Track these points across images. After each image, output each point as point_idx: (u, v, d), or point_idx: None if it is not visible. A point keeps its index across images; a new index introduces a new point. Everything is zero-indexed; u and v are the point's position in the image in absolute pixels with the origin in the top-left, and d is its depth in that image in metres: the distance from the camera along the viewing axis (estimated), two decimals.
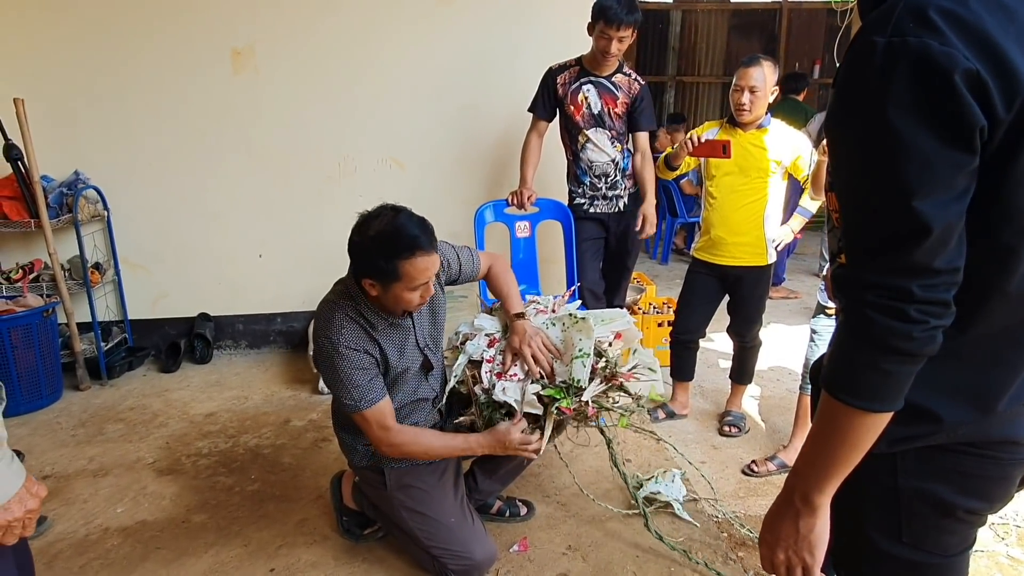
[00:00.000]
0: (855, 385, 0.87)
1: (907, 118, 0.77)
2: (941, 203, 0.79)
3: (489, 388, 2.05)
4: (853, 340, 0.87)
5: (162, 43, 3.61)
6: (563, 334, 2.14)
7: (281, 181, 3.87)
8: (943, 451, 0.95)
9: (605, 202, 3.27)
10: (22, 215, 3.39)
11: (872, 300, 0.83)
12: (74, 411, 3.31)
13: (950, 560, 1.03)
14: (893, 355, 0.83)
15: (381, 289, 1.85)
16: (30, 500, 1.15)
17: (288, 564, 2.19)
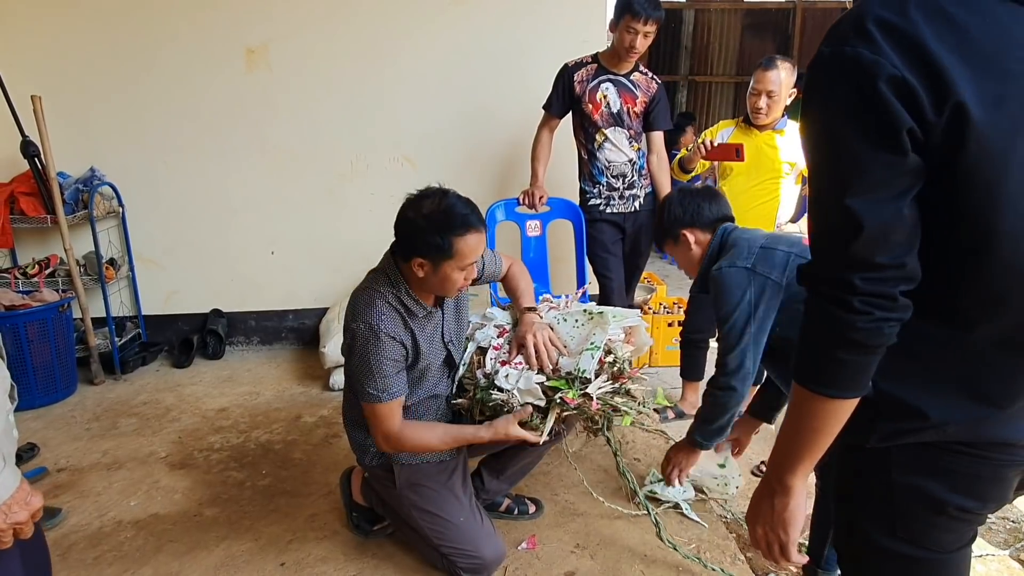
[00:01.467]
0: (816, 373, 0.93)
1: (841, 121, 0.84)
2: (874, 201, 0.84)
3: (491, 373, 2.04)
4: (811, 330, 0.93)
5: (177, 42, 3.65)
6: (575, 330, 2.13)
7: (293, 179, 3.89)
8: (936, 448, 0.97)
9: (622, 202, 3.25)
10: (39, 211, 3.43)
11: (824, 291, 0.90)
12: (88, 405, 3.35)
13: (948, 556, 1.04)
14: (844, 345, 0.89)
15: (431, 268, 1.86)
16: (18, 512, 1.11)
17: (298, 559, 2.21)
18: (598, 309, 2.19)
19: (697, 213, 2.12)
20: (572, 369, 2.00)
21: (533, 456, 2.34)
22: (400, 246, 1.92)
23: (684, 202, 2.14)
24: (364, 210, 3.97)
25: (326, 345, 3.45)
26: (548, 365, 2.04)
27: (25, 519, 1.12)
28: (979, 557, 2.24)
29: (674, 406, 3.30)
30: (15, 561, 1.21)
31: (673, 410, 3.27)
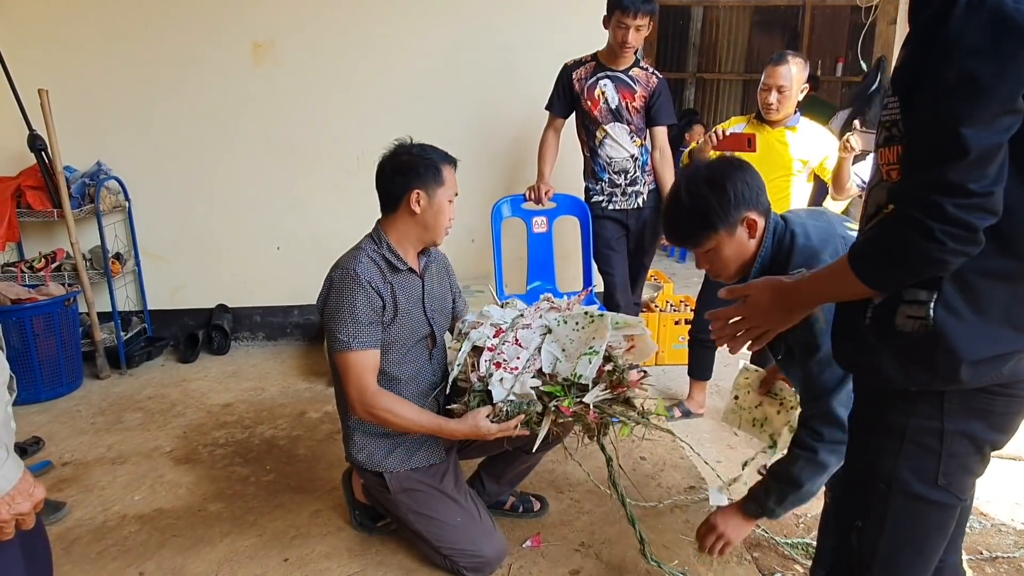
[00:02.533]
0: (868, 271, 1.06)
1: (974, 59, 0.93)
2: (983, 131, 0.93)
3: (485, 376, 1.97)
4: (884, 241, 1.03)
5: (184, 36, 3.64)
6: (575, 333, 2.04)
7: (300, 174, 3.89)
8: (982, 393, 1.09)
9: (624, 198, 3.24)
10: (45, 205, 3.43)
11: (909, 213, 0.97)
12: (94, 399, 3.35)
13: (961, 505, 1.17)
14: (910, 265, 1.00)
15: (427, 199, 2.00)
16: (22, 503, 1.11)
17: (302, 555, 2.20)
18: (599, 313, 2.08)
19: (760, 192, 1.65)
20: (569, 374, 1.92)
21: (531, 461, 2.32)
22: (392, 188, 2.03)
23: (747, 178, 1.63)
24: (370, 206, 3.92)
25: None
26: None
27: (28, 510, 1.12)
28: (991, 559, 2.22)
29: (680, 404, 3.28)
30: (15, 551, 1.21)
31: (680, 408, 3.25)
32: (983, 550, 2.26)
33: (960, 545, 1.42)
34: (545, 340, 2.03)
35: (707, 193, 1.60)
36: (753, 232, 1.63)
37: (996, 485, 2.60)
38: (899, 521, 1.16)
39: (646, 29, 3.01)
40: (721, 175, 1.61)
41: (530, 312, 2.17)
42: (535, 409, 1.91)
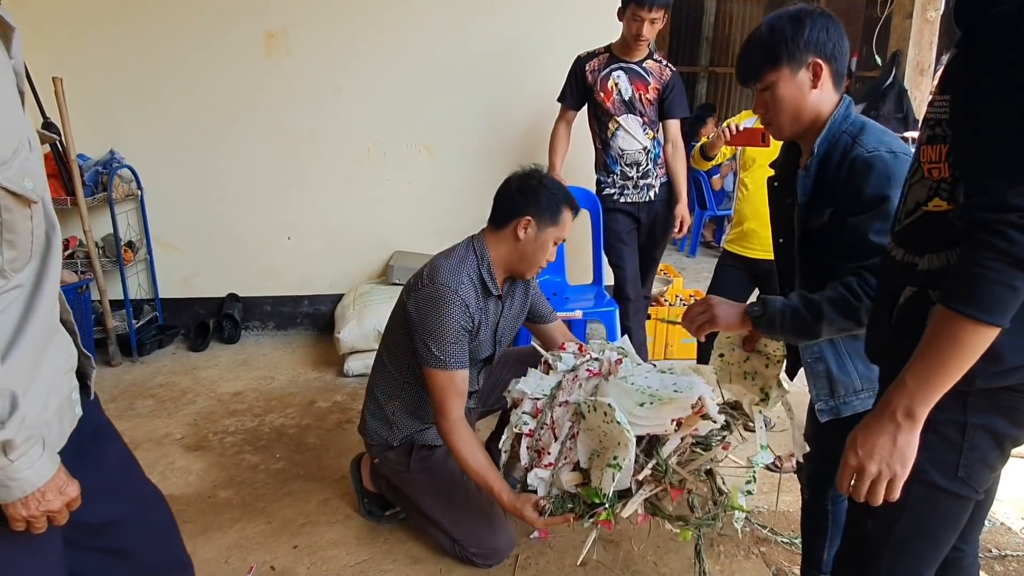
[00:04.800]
0: (982, 299, 0.96)
1: None
2: None
3: (527, 465, 1.86)
4: (989, 258, 0.95)
5: (197, 25, 3.65)
6: (607, 426, 1.71)
7: (311, 164, 3.89)
8: (1008, 392, 1.09)
9: (636, 191, 3.22)
10: (58, 192, 3.45)
11: (1015, 220, 0.92)
12: (105, 386, 3.37)
13: (976, 499, 1.17)
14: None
15: (535, 230, 1.99)
16: (52, 500, 1.06)
17: (311, 542, 2.22)
18: (617, 415, 1.66)
19: (840, 49, 1.55)
20: (597, 485, 1.69)
21: None
22: (508, 207, 2.01)
23: (830, 28, 1.54)
24: (381, 197, 3.97)
25: (341, 331, 3.46)
26: None
27: (58, 507, 1.07)
28: (1000, 558, 2.22)
29: None
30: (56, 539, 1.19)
31: None
32: (992, 548, 2.26)
33: (978, 538, 1.42)
34: (580, 430, 1.79)
35: (785, 23, 1.53)
36: (817, 82, 1.53)
37: (1007, 484, 2.58)
38: (915, 509, 1.16)
39: (660, 22, 3.00)
40: (805, 13, 1.54)
41: (568, 381, 1.90)
42: (579, 507, 1.76)
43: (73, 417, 1.16)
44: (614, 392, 1.73)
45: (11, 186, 0.94)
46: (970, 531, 1.33)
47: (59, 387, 1.12)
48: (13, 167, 0.94)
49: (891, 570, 1.20)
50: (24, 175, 0.96)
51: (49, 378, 1.08)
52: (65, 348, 1.16)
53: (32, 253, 1.02)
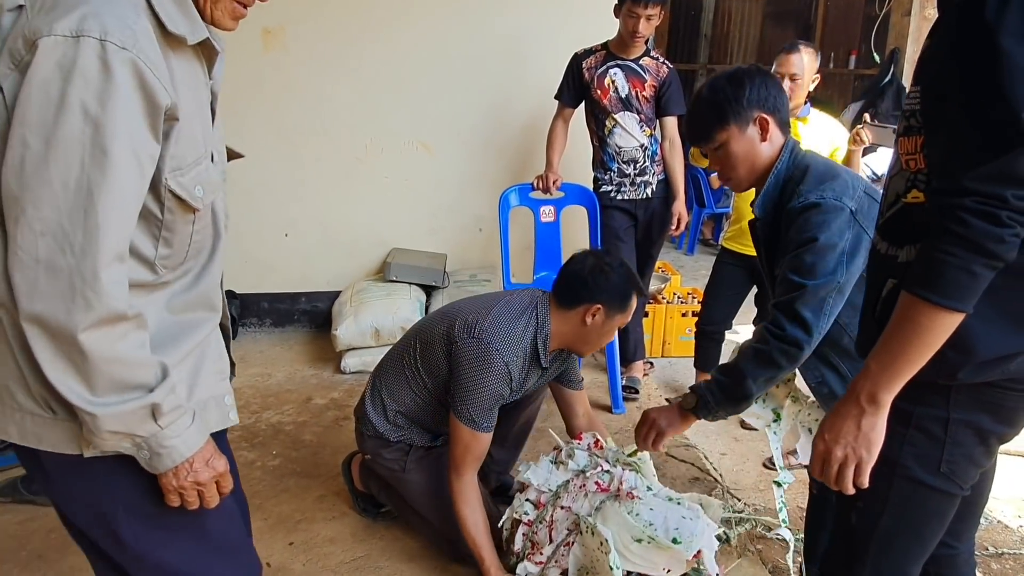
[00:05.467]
0: (943, 285, 0.97)
1: (1019, 44, 0.90)
2: None
3: (520, 551, 1.95)
4: (947, 243, 0.96)
5: None
6: (595, 552, 1.80)
7: (309, 161, 3.88)
8: (991, 388, 1.08)
9: (633, 188, 3.22)
10: None
11: (970, 205, 0.93)
12: None
13: (962, 495, 1.17)
14: (983, 257, 0.94)
15: (603, 317, 1.95)
16: (200, 470, 1.05)
17: (307, 539, 2.22)
18: (606, 534, 1.77)
19: (779, 101, 1.66)
20: None
21: (529, 413, 2.32)
22: (580, 291, 1.96)
23: (767, 83, 1.65)
24: (378, 194, 3.96)
25: (338, 328, 3.46)
26: None
27: (207, 479, 1.06)
28: (996, 556, 2.22)
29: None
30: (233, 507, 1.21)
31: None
32: (988, 546, 2.26)
33: (974, 535, 1.42)
34: (575, 541, 1.88)
35: (724, 85, 1.65)
36: (765, 135, 1.64)
37: (1003, 482, 2.58)
38: (899, 505, 1.16)
39: (657, 19, 3.00)
40: (743, 73, 1.67)
41: (574, 487, 1.98)
42: None
43: (223, 418, 1.17)
44: (615, 520, 1.79)
45: (180, 191, 1.00)
46: (963, 529, 1.33)
47: (210, 385, 1.14)
48: (189, 175, 1.02)
49: (876, 565, 1.20)
50: (197, 183, 1.03)
51: (195, 370, 1.11)
52: (217, 349, 1.19)
53: (188, 255, 1.08)
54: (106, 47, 0.88)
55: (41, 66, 0.87)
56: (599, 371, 3.43)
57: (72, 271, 0.89)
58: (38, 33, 0.88)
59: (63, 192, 0.89)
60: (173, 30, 0.97)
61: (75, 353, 0.92)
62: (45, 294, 0.90)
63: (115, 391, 0.96)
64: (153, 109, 0.93)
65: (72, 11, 0.89)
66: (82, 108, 0.88)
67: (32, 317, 0.91)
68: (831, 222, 1.52)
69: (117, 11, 0.91)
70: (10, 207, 0.90)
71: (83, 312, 0.90)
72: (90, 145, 0.88)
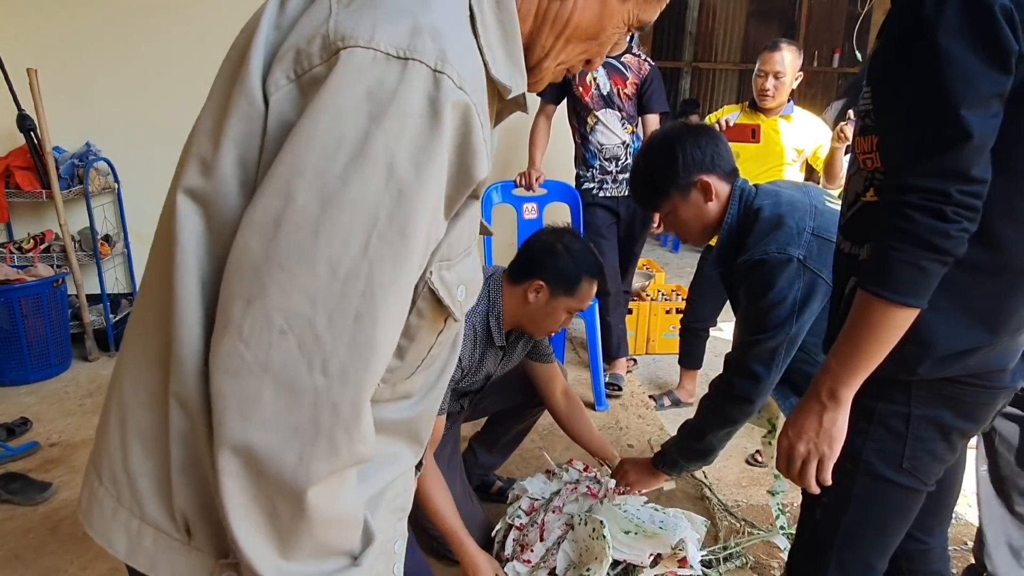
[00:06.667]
0: (894, 281, 0.98)
1: (955, 41, 0.92)
2: (982, 114, 0.93)
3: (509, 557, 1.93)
4: (895, 239, 0.98)
5: (176, 17, 3.60)
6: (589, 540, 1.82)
7: None
8: (951, 383, 1.09)
9: (615, 185, 3.23)
10: (34, 185, 3.41)
11: (915, 201, 0.95)
12: (82, 381, 3.34)
13: (927, 491, 1.18)
14: (930, 252, 0.95)
15: (548, 296, 1.86)
16: None
17: None
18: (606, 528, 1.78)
19: (716, 155, 1.67)
20: None
21: (525, 424, 2.33)
22: (523, 266, 1.91)
23: (700, 142, 1.65)
24: None
25: None
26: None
27: None
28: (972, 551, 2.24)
29: (670, 393, 3.29)
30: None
31: (669, 397, 3.26)
32: (968, 540, 2.28)
33: (946, 530, 1.43)
34: (566, 537, 1.89)
35: (658, 157, 1.66)
36: (709, 195, 1.65)
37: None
38: (862, 500, 1.17)
39: None
40: (672, 140, 1.66)
41: (566, 491, 2.03)
42: None
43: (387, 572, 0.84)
44: (606, 514, 1.84)
45: (440, 289, 0.70)
46: (934, 524, 1.34)
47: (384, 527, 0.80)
48: (455, 269, 0.72)
49: (841, 559, 1.22)
50: (460, 282, 0.73)
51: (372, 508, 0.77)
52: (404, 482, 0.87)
53: (417, 371, 0.77)
54: (441, 83, 0.60)
55: (341, 89, 0.59)
56: (582, 368, 3.44)
57: (321, 399, 0.60)
58: (347, 38, 0.60)
59: (329, 280, 0.59)
60: (496, 75, 0.70)
61: (288, 509, 0.63)
62: (270, 422, 0.60)
63: (314, 558, 0.67)
64: (465, 180, 0.65)
65: (400, 16, 0.61)
66: (388, 165, 0.59)
67: (239, 447, 0.60)
68: (778, 276, 1.55)
69: (458, 30, 0.65)
70: (240, 279, 0.60)
71: (325, 460, 0.62)
72: (385, 220, 0.60)
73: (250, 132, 0.63)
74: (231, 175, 0.64)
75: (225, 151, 0.64)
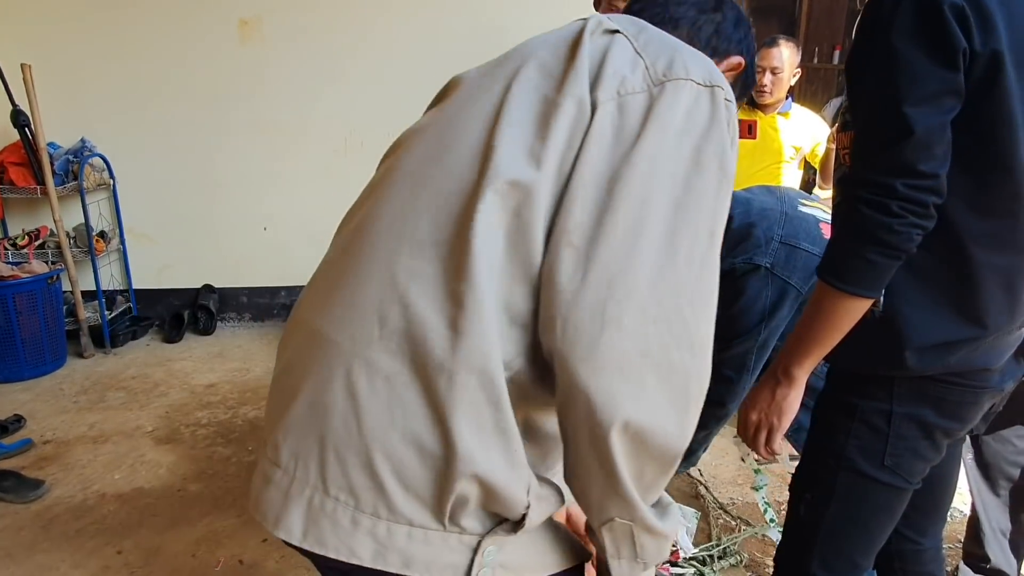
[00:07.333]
0: (842, 271, 1.02)
1: (905, 40, 0.95)
2: (926, 111, 0.95)
3: None
4: (844, 231, 1.03)
5: (170, 11, 3.59)
6: None
7: (288, 154, 3.85)
8: (933, 382, 1.10)
9: None
10: (28, 181, 3.39)
11: (862, 195, 0.98)
12: (77, 378, 3.33)
13: (911, 489, 1.18)
14: (877, 245, 0.98)
15: None
16: None
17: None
18: None
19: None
20: None
21: None
22: None
23: None
24: (358, 188, 3.87)
25: None
26: None
27: None
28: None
29: None
30: None
31: None
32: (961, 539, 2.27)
33: (940, 531, 1.42)
34: None
35: None
36: None
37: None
38: (845, 497, 1.18)
39: None
40: None
41: None
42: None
43: None
44: None
45: None
46: (927, 524, 1.34)
47: None
48: None
49: (823, 556, 1.22)
50: None
51: None
52: None
53: None
54: (730, 107, 0.78)
55: (676, 112, 0.73)
56: None
57: (690, 373, 0.71)
58: (668, 73, 0.75)
59: (687, 269, 0.70)
60: None
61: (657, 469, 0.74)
62: (653, 400, 0.69)
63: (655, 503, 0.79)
64: None
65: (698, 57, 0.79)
66: (718, 168, 0.73)
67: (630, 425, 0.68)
68: (745, 286, 1.62)
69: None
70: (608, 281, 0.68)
71: (693, 424, 0.73)
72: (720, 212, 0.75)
73: (574, 133, 0.73)
74: (554, 167, 0.72)
75: (552, 145, 0.73)
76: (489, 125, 0.76)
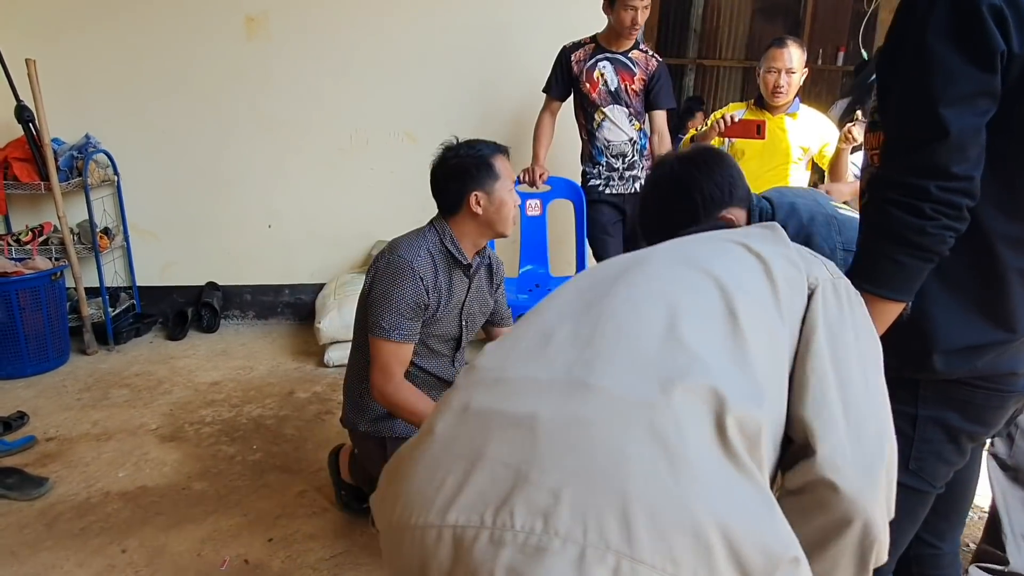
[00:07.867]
0: (875, 274, 1.01)
1: (941, 39, 0.94)
2: (961, 112, 0.93)
3: None
4: (875, 233, 1.01)
5: (176, 7, 3.57)
6: None
7: (292, 151, 3.83)
8: (959, 385, 1.09)
9: (621, 182, 3.20)
10: (32, 177, 3.38)
11: (893, 197, 0.97)
12: (80, 375, 3.31)
13: (934, 492, 1.18)
14: (909, 247, 0.96)
15: (487, 198, 1.96)
16: None
17: (287, 535, 2.18)
18: None
19: (733, 186, 1.44)
20: None
21: None
22: (451, 194, 1.99)
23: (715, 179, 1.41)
24: (363, 186, 3.92)
25: (322, 321, 3.42)
26: None
27: None
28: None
29: None
30: None
31: None
32: (970, 543, 2.26)
33: (959, 535, 1.40)
34: None
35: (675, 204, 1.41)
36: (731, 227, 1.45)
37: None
38: None
39: (647, 9, 2.99)
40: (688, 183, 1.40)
41: None
42: None
43: None
44: None
45: None
46: (947, 529, 1.32)
47: None
48: None
49: None
50: None
51: None
52: None
53: None
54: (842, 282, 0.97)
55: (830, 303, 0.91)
56: None
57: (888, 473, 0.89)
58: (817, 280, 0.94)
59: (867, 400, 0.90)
60: None
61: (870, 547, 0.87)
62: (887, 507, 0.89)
63: None
64: None
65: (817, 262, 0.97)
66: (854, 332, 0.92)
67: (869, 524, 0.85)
68: None
69: None
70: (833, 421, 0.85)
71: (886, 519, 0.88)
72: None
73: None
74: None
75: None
76: None
